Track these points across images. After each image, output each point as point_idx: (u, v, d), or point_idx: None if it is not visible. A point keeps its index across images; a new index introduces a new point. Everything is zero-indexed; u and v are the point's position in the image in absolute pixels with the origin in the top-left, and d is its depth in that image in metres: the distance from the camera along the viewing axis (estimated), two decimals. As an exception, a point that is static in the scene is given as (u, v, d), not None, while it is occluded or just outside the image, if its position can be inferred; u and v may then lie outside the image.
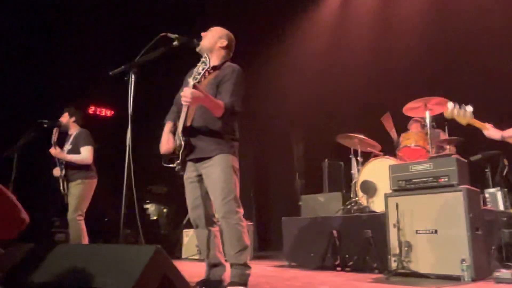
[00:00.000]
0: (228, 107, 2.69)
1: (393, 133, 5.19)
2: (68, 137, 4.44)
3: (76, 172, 4.21)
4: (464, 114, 3.19)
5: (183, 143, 2.72)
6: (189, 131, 2.74)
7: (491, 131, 3.20)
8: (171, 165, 2.81)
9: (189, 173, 2.87)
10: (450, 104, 3.23)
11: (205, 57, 2.55)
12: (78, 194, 4.14)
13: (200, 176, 2.82)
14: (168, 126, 2.98)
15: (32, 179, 5.32)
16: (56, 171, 4.25)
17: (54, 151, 4.15)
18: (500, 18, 5.34)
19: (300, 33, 7.64)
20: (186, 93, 2.53)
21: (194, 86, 2.53)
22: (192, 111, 2.76)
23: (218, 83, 2.78)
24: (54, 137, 4.16)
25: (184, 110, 2.67)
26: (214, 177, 2.73)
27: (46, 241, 5.42)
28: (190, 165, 2.85)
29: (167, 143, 2.89)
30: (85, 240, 4.08)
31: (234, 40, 3.00)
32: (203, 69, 2.52)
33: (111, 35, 7.26)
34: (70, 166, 4.22)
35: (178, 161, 2.76)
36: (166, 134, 2.95)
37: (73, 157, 4.21)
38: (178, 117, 2.81)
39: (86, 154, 4.23)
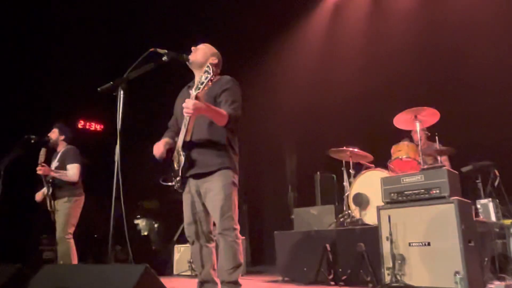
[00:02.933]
0: (232, 114, 2.66)
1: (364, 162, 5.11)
2: (56, 154, 4.38)
3: (63, 190, 4.14)
4: None
5: (183, 157, 2.67)
6: (189, 145, 2.70)
7: None
8: (169, 184, 2.77)
9: (188, 188, 2.82)
10: None
11: (208, 67, 2.50)
12: (66, 212, 4.07)
13: (198, 192, 2.79)
14: (164, 139, 2.94)
15: (19, 196, 5.22)
16: (38, 196, 4.21)
17: (41, 170, 4.08)
18: (491, 29, 5.42)
19: (291, 46, 7.69)
20: (188, 104, 2.48)
21: (196, 97, 2.48)
22: (192, 124, 2.72)
23: (215, 95, 2.75)
24: (42, 158, 4.10)
25: (184, 122, 2.63)
26: (214, 193, 2.70)
27: (34, 260, 5.30)
28: (190, 181, 2.81)
29: (158, 146, 2.83)
30: (74, 259, 4.00)
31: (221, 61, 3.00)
32: (206, 78, 2.46)
33: (101, 50, 7.24)
34: (57, 184, 4.15)
35: (178, 178, 2.72)
36: (160, 141, 2.89)
37: (60, 175, 4.14)
38: (176, 133, 2.78)
39: (73, 172, 4.16)
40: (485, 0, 5.67)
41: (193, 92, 2.52)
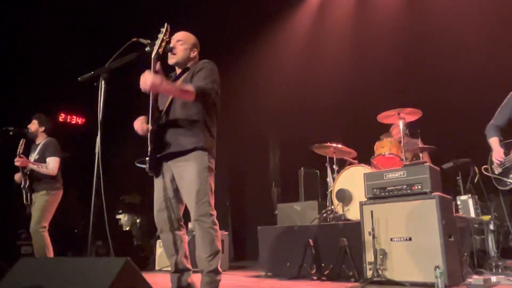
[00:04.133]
0: (199, 88, 2.57)
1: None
2: (35, 146, 4.27)
3: (42, 183, 4.05)
4: None
5: (152, 137, 2.57)
6: (163, 125, 2.63)
7: None
8: (143, 166, 2.67)
9: (162, 174, 2.73)
10: None
11: (164, 27, 2.53)
12: (42, 205, 3.98)
13: (172, 177, 2.71)
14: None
15: (-4, 189, 5.10)
16: (17, 176, 4.09)
17: (19, 161, 3.98)
18: (474, 30, 5.51)
19: (276, 41, 7.67)
20: (145, 78, 2.41)
21: (156, 72, 2.43)
22: (164, 100, 2.64)
23: (191, 77, 2.71)
24: (20, 149, 4.00)
25: (151, 99, 2.55)
26: (188, 178, 2.62)
27: (12, 255, 5.18)
28: (164, 166, 2.72)
29: (138, 120, 2.74)
30: (50, 252, 3.91)
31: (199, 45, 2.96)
32: (160, 40, 2.49)
33: (84, 42, 7.10)
34: (35, 176, 4.06)
35: (148, 159, 2.59)
36: (139, 118, 2.79)
37: (38, 167, 4.05)
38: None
39: (52, 165, 4.08)
40: (468, 4, 5.76)
41: (153, 53, 2.50)
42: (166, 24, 2.46)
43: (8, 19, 6.58)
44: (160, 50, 2.51)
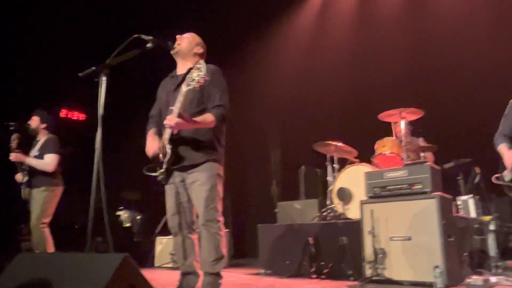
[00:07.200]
0: (219, 116, 2.68)
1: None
2: (36, 142, 4.27)
3: (41, 179, 4.05)
4: None
5: (169, 151, 2.66)
6: (175, 139, 2.68)
7: None
8: (152, 174, 2.74)
9: (172, 179, 2.80)
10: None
11: (199, 64, 2.48)
12: (43, 201, 3.98)
13: (183, 182, 2.76)
14: (151, 131, 2.91)
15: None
16: (18, 177, 4.09)
17: (13, 156, 3.98)
18: (475, 29, 5.49)
19: (278, 38, 7.65)
20: (170, 122, 2.51)
21: (179, 116, 2.49)
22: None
23: (201, 88, 2.71)
24: (14, 144, 4.00)
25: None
26: (199, 184, 2.69)
27: (11, 250, 5.19)
28: (174, 172, 2.78)
29: (152, 144, 2.81)
30: (50, 248, 3.92)
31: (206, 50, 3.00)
32: (198, 76, 2.45)
33: (86, 38, 7.09)
34: (34, 172, 4.05)
35: (162, 170, 2.70)
36: (150, 137, 2.87)
37: (35, 162, 4.04)
38: (159, 124, 2.75)
39: (49, 160, 4.06)
40: (470, 4, 5.74)
41: (183, 88, 2.49)
42: (202, 61, 2.46)
43: (10, 15, 6.58)
44: (197, 85, 2.48)
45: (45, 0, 6.73)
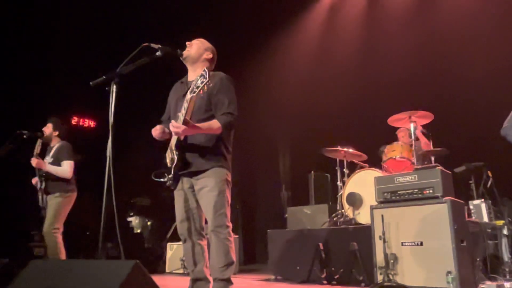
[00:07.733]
0: (226, 123, 2.68)
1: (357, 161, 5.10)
2: (49, 149, 4.33)
3: (56, 185, 4.10)
4: None
5: (176, 157, 2.67)
6: (182, 145, 2.69)
7: None
8: (161, 180, 2.75)
9: (181, 185, 2.81)
10: None
11: (204, 71, 2.49)
12: (56, 207, 4.03)
13: (192, 188, 2.78)
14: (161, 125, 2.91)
15: (10, 191, 5.16)
16: (34, 180, 4.15)
17: (35, 161, 4.04)
18: (485, 32, 5.45)
19: (287, 45, 7.68)
20: (176, 130, 2.51)
21: (185, 122, 2.50)
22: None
23: (209, 93, 2.73)
24: (37, 149, 4.07)
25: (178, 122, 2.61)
26: (207, 190, 2.69)
27: (24, 256, 5.25)
28: (182, 178, 2.79)
29: (156, 128, 2.79)
30: (62, 254, 3.96)
31: (216, 55, 2.99)
32: (202, 83, 2.46)
33: (96, 47, 7.19)
34: (50, 179, 4.11)
35: (170, 176, 2.71)
36: (157, 126, 2.85)
37: (54, 169, 4.11)
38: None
39: (67, 168, 4.12)
40: (479, 5, 5.70)
41: (188, 95, 2.51)
42: (207, 70, 2.48)
43: (24, 25, 6.70)
44: (201, 92, 2.51)
45: (56, 10, 6.84)
